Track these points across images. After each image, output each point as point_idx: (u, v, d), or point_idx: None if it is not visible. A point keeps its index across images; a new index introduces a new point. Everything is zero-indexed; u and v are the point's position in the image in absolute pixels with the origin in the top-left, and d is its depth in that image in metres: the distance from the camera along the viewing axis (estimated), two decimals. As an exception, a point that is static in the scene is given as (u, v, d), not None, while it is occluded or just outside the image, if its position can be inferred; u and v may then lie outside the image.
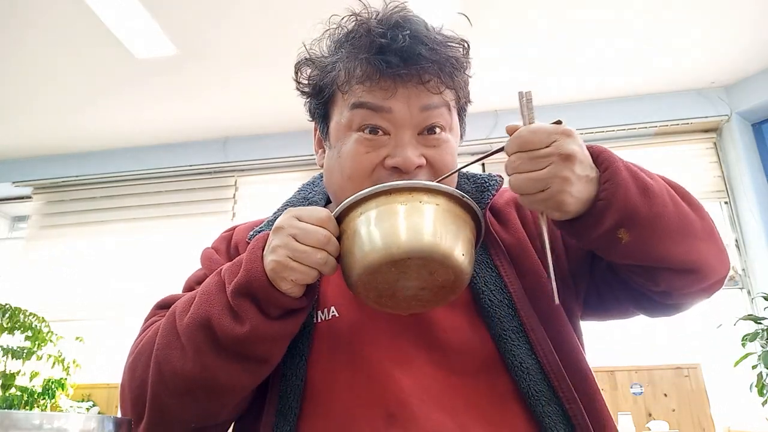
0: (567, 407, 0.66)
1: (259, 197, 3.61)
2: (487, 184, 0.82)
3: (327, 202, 0.88)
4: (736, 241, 3.09)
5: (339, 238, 0.62)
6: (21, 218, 4.08)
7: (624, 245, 0.62)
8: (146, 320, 0.77)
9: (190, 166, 3.67)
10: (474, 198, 0.80)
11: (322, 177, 0.89)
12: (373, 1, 0.76)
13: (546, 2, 2.59)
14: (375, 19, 0.73)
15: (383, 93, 0.70)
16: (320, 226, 0.61)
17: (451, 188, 0.61)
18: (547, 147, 0.58)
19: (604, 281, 0.75)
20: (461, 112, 0.80)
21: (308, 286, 0.64)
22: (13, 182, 3.84)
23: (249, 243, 0.77)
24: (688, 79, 3.15)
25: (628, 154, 3.57)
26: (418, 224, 0.59)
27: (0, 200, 3.99)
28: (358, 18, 0.74)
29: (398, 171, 0.70)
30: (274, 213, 0.86)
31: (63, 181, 3.82)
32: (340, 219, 0.63)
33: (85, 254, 3.64)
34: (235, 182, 3.65)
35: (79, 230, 3.72)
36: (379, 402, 0.65)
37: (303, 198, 0.87)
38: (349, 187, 0.73)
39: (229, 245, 0.85)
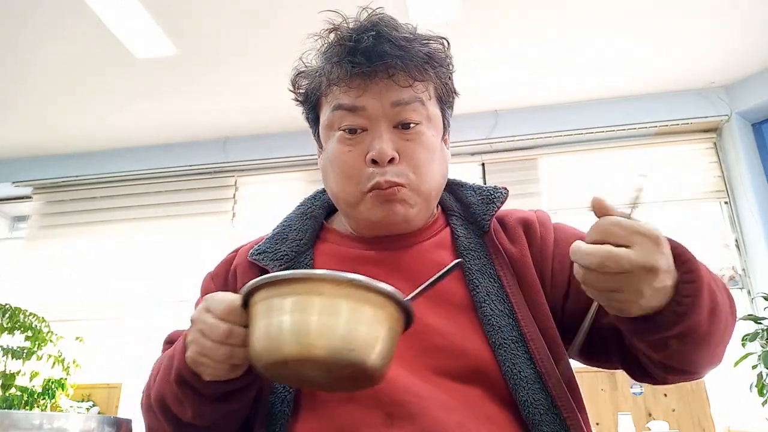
0: (565, 416, 0.66)
1: (259, 197, 3.61)
2: (493, 196, 0.85)
3: (329, 214, 0.91)
4: (736, 241, 3.09)
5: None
6: (21, 218, 4.08)
7: (670, 351, 0.62)
8: (159, 357, 0.81)
9: (190, 166, 3.67)
10: (479, 210, 0.83)
11: (323, 191, 0.91)
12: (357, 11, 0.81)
13: (546, 2, 2.59)
14: (347, 26, 0.79)
15: (356, 92, 0.76)
16: (224, 319, 0.58)
17: (348, 275, 0.53)
18: (629, 247, 0.54)
19: (600, 335, 0.74)
20: (443, 104, 0.84)
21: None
22: (13, 182, 3.84)
23: (250, 263, 0.81)
24: (688, 79, 3.15)
25: (628, 154, 3.58)
26: (302, 323, 0.52)
27: (0, 200, 3.99)
28: (335, 28, 0.79)
29: (376, 164, 0.75)
30: (273, 230, 0.87)
31: (63, 181, 3.82)
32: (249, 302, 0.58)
33: (85, 254, 3.64)
34: (235, 182, 3.65)
35: (79, 230, 3.72)
36: (376, 404, 0.66)
37: (302, 213, 0.88)
38: (343, 186, 0.78)
39: (229, 270, 0.85)
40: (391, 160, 0.75)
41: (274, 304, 0.54)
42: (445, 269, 0.60)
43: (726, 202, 3.16)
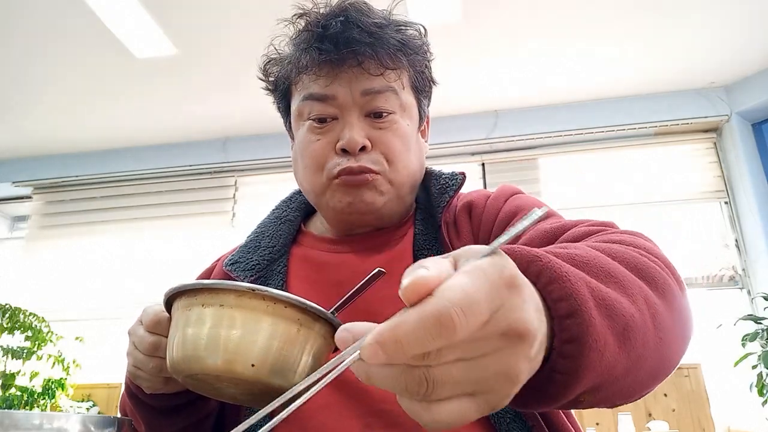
0: (531, 425, 0.63)
1: (259, 197, 3.61)
2: (447, 185, 0.78)
3: (306, 217, 0.88)
4: (736, 241, 3.08)
5: None
6: (21, 218, 4.08)
7: (582, 405, 0.43)
8: None
9: (190, 166, 3.67)
10: (435, 201, 0.77)
11: (299, 191, 0.89)
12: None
13: (546, 2, 2.59)
14: (318, 12, 0.76)
15: (325, 80, 0.73)
16: (151, 331, 0.57)
17: (248, 285, 0.48)
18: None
19: None
20: (419, 94, 0.80)
21: None
22: (13, 182, 3.84)
23: (225, 273, 0.78)
24: (688, 79, 3.15)
25: (627, 154, 3.57)
26: (198, 337, 0.48)
27: (0, 200, 3.99)
28: (304, 13, 0.77)
29: (347, 153, 0.72)
30: (248, 237, 0.85)
31: (63, 181, 3.82)
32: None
33: (85, 254, 3.64)
34: (235, 182, 3.65)
35: (79, 230, 3.72)
36: (354, 414, 0.64)
37: (276, 218, 0.86)
38: (307, 177, 0.76)
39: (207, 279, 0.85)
40: (363, 149, 0.72)
41: (181, 316, 0.51)
42: (365, 279, 0.54)
43: (726, 202, 3.16)
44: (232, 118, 3.46)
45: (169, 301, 0.54)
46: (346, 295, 0.55)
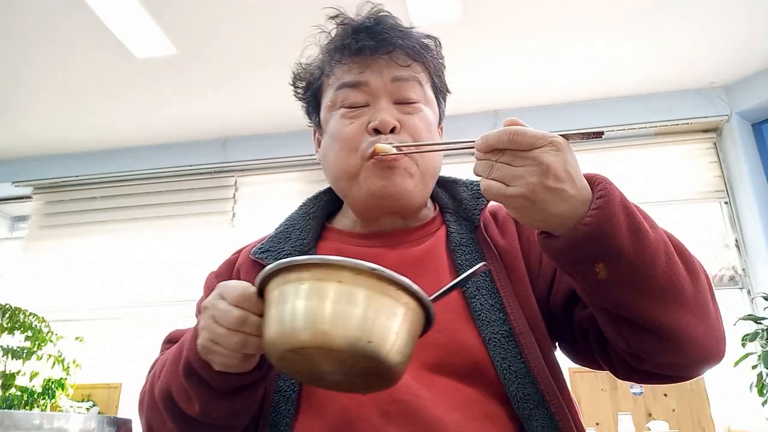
0: (554, 411, 0.67)
1: (259, 197, 3.61)
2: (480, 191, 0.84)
3: (331, 215, 0.91)
4: (736, 241, 3.09)
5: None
6: (21, 218, 4.08)
7: (600, 282, 0.59)
8: (158, 356, 0.80)
9: (190, 166, 3.67)
10: (470, 205, 0.83)
11: (325, 192, 0.92)
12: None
13: (545, 2, 2.59)
14: (350, 19, 0.84)
15: (358, 68, 0.80)
16: (237, 305, 0.57)
17: (370, 265, 0.51)
18: (528, 150, 0.56)
19: (582, 328, 0.73)
20: (438, 93, 0.88)
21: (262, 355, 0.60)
22: (13, 182, 3.84)
23: (252, 261, 0.81)
24: (688, 79, 3.15)
25: (628, 154, 3.56)
26: (318, 310, 0.50)
27: (0, 200, 3.99)
28: (338, 14, 0.84)
29: (378, 134, 0.77)
30: (276, 228, 0.87)
31: (63, 181, 3.82)
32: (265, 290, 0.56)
33: (85, 254, 3.64)
34: (235, 182, 3.65)
35: (79, 230, 3.72)
36: (374, 402, 0.66)
37: (305, 213, 0.88)
38: (342, 159, 0.79)
39: (232, 271, 0.85)
40: (393, 130, 0.77)
41: (290, 290, 0.52)
42: (470, 271, 0.59)
43: (726, 202, 3.16)
44: (232, 118, 3.46)
45: (263, 281, 0.55)
46: (448, 286, 0.58)
